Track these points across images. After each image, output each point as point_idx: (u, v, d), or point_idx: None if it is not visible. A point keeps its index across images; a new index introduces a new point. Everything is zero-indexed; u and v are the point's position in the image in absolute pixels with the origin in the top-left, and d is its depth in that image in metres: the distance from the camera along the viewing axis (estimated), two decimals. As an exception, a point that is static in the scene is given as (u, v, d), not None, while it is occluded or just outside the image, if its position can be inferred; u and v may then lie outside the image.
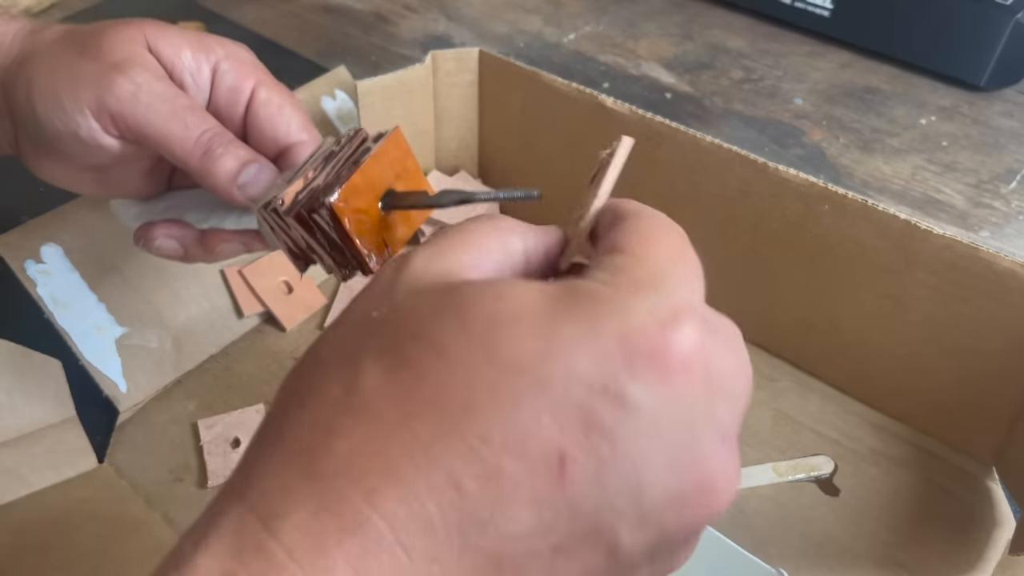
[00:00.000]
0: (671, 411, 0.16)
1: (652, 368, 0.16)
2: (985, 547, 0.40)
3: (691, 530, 0.17)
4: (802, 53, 0.73)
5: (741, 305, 0.49)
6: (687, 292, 0.18)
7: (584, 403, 0.15)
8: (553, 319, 0.16)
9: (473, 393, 0.15)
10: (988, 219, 0.56)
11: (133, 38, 0.31)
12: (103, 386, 0.44)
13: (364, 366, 0.16)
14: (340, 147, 0.30)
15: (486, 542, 0.15)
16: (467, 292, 0.17)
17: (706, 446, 0.16)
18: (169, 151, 0.31)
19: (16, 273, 0.42)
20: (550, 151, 0.52)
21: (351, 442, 0.15)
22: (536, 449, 0.15)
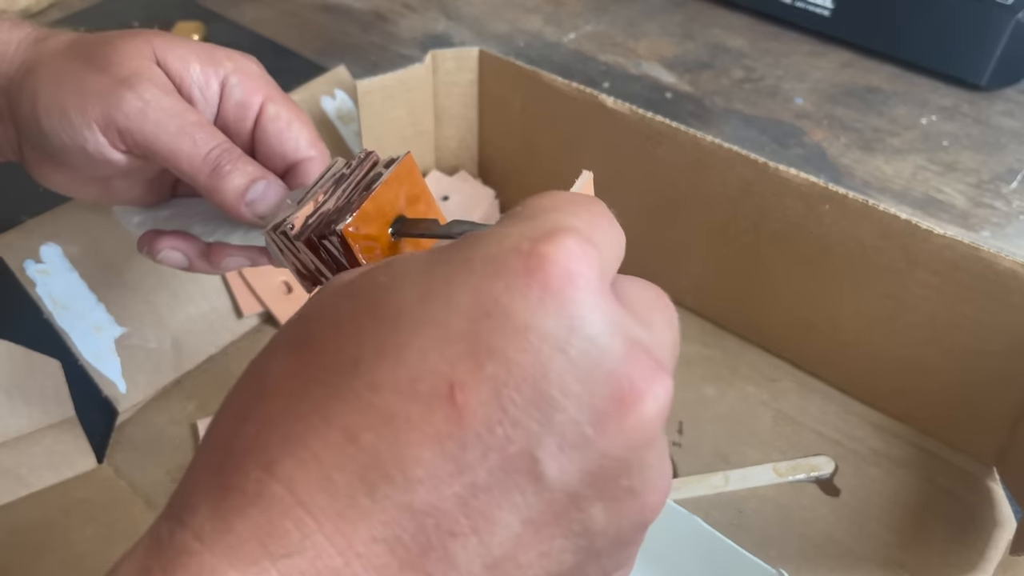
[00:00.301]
0: (563, 322, 0.15)
1: (531, 283, 0.15)
2: (986, 547, 0.39)
3: (629, 447, 0.15)
4: (803, 52, 0.73)
5: (741, 305, 0.49)
6: (576, 221, 0.16)
7: (468, 332, 0.15)
8: (430, 266, 0.16)
9: (361, 349, 0.15)
10: (989, 219, 0.56)
11: (141, 51, 0.31)
12: (102, 386, 0.44)
13: (274, 354, 0.17)
14: (351, 170, 0.30)
15: (395, 492, 0.14)
16: (369, 272, 0.17)
17: (615, 353, 0.15)
18: (177, 167, 0.31)
19: (15, 273, 0.42)
20: (550, 151, 0.52)
21: (257, 423, 0.15)
22: (426, 386, 0.15)
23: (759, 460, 0.43)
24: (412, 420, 0.15)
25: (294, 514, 0.14)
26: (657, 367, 0.16)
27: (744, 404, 0.46)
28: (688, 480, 0.42)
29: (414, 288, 0.16)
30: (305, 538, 0.14)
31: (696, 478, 0.42)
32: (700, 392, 0.47)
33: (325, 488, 0.14)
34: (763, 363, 0.48)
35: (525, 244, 0.15)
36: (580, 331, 0.15)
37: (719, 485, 0.42)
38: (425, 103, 0.53)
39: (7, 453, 0.39)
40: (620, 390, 0.15)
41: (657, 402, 0.15)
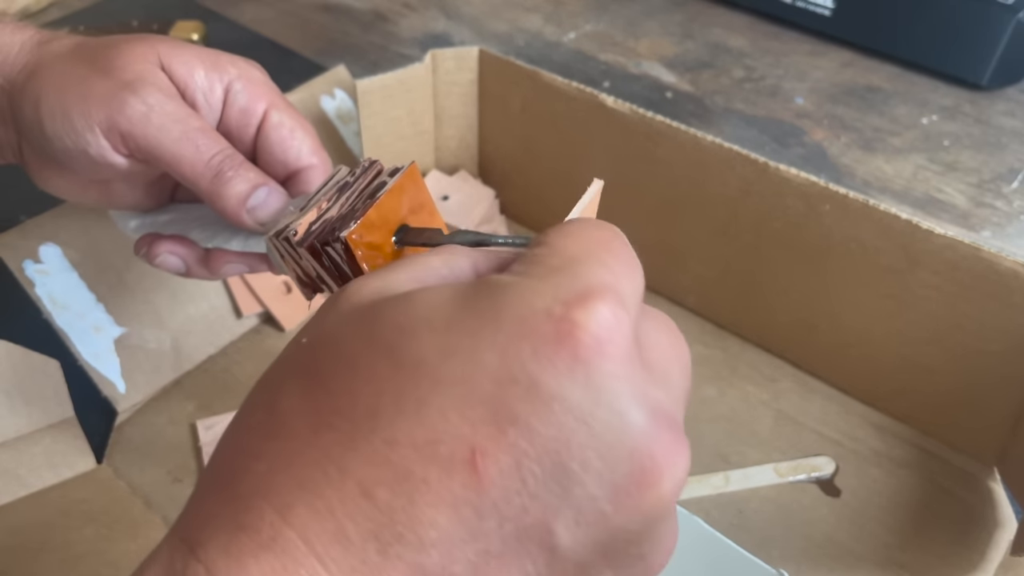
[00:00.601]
0: (590, 394, 0.15)
1: (560, 351, 0.15)
2: (987, 548, 0.39)
3: (645, 522, 0.16)
4: (803, 52, 0.73)
5: (742, 305, 0.49)
6: (605, 274, 0.16)
7: (493, 396, 0.15)
8: (455, 314, 0.15)
9: (379, 399, 0.15)
10: (990, 219, 0.56)
11: (146, 56, 0.31)
12: (101, 387, 0.44)
13: (284, 389, 0.16)
14: (355, 178, 0.30)
15: (407, 553, 0.14)
16: (384, 305, 0.16)
17: (638, 429, 0.15)
18: (179, 172, 0.31)
19: (14, 273, 0.42)
20: (550, 151, 0.52)
21: (268, 462, 0.15)
22: (447, 448, 0.14)
23: (760, 460, 0.43)
24: (430, 482, 0.14)
25: (308, 563, 0.14)
26: (676, 440, 0.15)
27: (745, 404, 0.46)
28: (689, 480, 0.42)
29: (436, 338, 0.15)
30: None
31: (696, 478, 0.42)
32: (700, 392, 0.47)
33: (339, 541, 0.14)
34: (763, 363, 0.48)
35: (558, 308, 0.15)
36: (606, 404, 0.15)
37: (720, 485, 0.42)
38: (425, 103, 0.53)
39: (6, 453, 0.39)
40: (641, 469, 0.15)
41: (675, 479, 0.15)
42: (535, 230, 0.56)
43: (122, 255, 0.45)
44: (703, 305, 0.50)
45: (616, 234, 0.18)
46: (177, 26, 0.73)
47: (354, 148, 0.53)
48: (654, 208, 0.49)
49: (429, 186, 0.55)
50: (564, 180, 0.52)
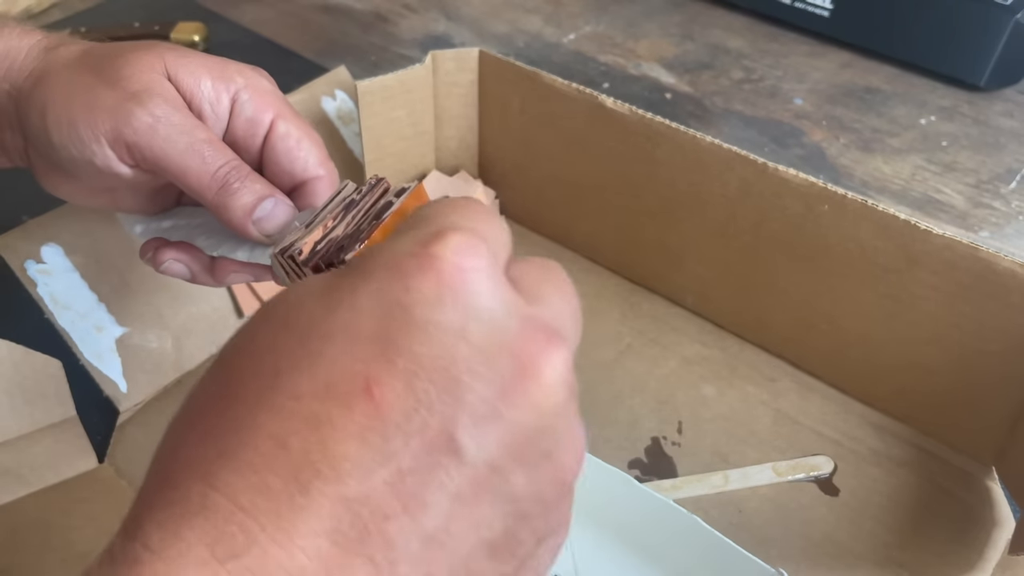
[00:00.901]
0: (460, 311, 0.16)
1: (426, 280, 0.16)
2: (985, 547, 0.40)
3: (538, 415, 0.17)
4: (802, 53, 0.73)
5: (741, 305, 0.49)
6: (458, 219, 0.18)
7: (376, 334, 0.16)
8: (333, 279, 0.18)
9: (278, 362, 0.17)
10: (988, 219, 0.56)
11: (152, 65, 0.31)
12: (103, 386, 0.44)
13: (202, 384, 0.18)
14: (361, 196, 0.30)
15: (327, 487, 0.15)
16: (275, 296, 0.19)
17: (511, 332, 0.17)
18: (185, 184, 0.31)
19: (16, 273, 0.42)
20: (550, 151, 0.52)
21: (190, 445, 0.17)
22: (344, 388, 0.16)
23: (759, 460, 0.43)
24: (334, 420, 0.16)
25: (237, 519, 0.15)
26: (550, 337, 0.17)
27: (744, 404, 0.46)
28: (688, 480, 0.42)
29: (321, 300, 0.17)
30: (250, 539, 0.15)
31: (696, 478, 0.42)
32: (700, 392, 0.47)
33: (263, 492, 0.15)
34: (763, 363, 0.48)
35: (416, 248, 0.17)
36: (477, 317, 0.17)
37: (719, 485, 0.42)
38: (425, 103, 0.53)
39: (8, 453, 0.39)
40: (520, 364, 0.17)
41: (556, 369, 0.17)
42: (535, 230, 0.57)
43: (124, 255, 0.45)
44: (702, 305, 0.51)
45: (476, 200, 0.20)
46: (178, 27, 0.73)
47: (355, 149, 0.54)
48: (653, 208, 0.49)
49: (429, 186, 0.55)
50: (564, 180, 0.52)
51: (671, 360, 0.49)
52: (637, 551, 0.37)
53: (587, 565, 0.37)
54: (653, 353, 0.49)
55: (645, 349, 0.49)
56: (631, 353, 0.49)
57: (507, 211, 0.57)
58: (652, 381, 0.47)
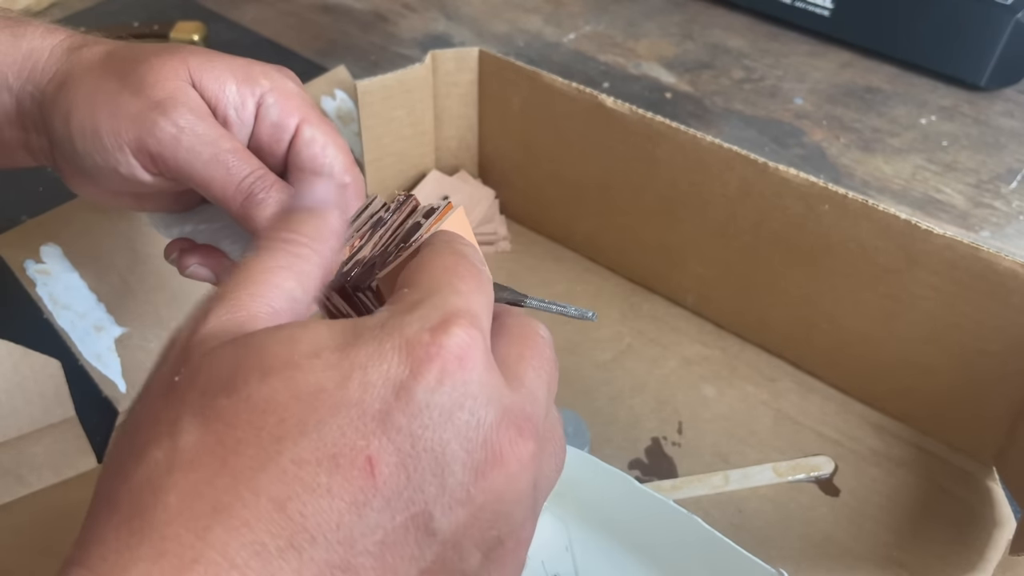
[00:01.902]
0: (455, 400, 0.18)
1: (431, 369, 0.18)
2: (985, 547, 0.40)
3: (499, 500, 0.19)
4: (802, 53, 0.73)
5: (741, 305, 0.49)
6: (456, 298, 0.20)
7: (380, 411, 0.17)
8: (343, 351, 0.18)
9: (282, 426, 0.17)
10: (989, 219, 0.56)
11: (176, 72, 0.30)
12: (102, 386, 0.44)
13: (180, 427, 0.18)
14: (389, 213, 0.29)
15: (318, 552, 0.16)
16: (263, 341, 0.19)
17: (489, 424, 0.19)
18: (209, 194, 0.30)
19: (16, 273, 0.42)
20: (550, 151, 0.52)
21: (178, 494, 0.17)
22: (346, 460, 0.17)
23: (759, 460, 0.43)
24: (333, 490, 0.17)
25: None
26: (521, 429, 0.19)
27: (744, 404, 0.46)
28: (688, 480, 0.42)
29: (331, 370, 0.18)
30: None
31: (696, 478, 0.42)
32: (700, 392, 0.47)
33: (258, 553, 0.16)
34: (763, 363, 0.48)
35: (425, 336, 0.18)
36: (466, 407, 0.18)
37: (719, 485, 0.42)
38: (425, 103, 0.53)
39: (7, 453, 0.39)
40: (493, 453, 0.18)
41: (521, 462, 0.19)
42: (535, 230, 0.57)
43: (123, 255, 0.45)
44: (702, 305, 0.50)
45: (461, 257, 0.22)
46: (178, 27, 0.73)
47: (354, 149, 0.54)
48: (653, 208, 0.49)
49: (429, 186, 0.55)
50: (564, 180, 0.52)
51: (671, 360, 0.49)
52: (637, 551, 0.37)
53: (587, 565, 0.37)
54: (653, 353, 0.49)
55: (645, 349, 0.49)
56: (631, 353, 0.49)
57: (507, 211, 0.57)
58: (652, 381, 0.47)
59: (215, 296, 0.21)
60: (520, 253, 0.55)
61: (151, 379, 0.20)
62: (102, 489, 0.18)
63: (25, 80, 0.31)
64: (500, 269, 0.54)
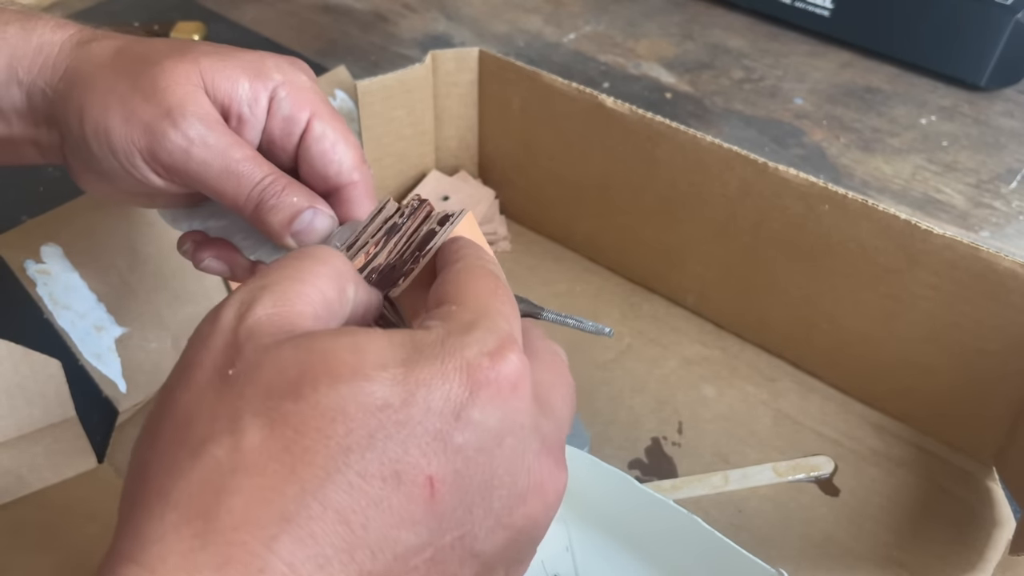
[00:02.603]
0: (507, 425, 0.19)
1: (488, 393, 0.19)
2: (985, 547, 0.40)
3: (534, 527, 0.20)
4: (802, 53, 0.73)
5: (741, 305, 0.49)
6: (505, 324, 0.21)
7: (440, 431, 0.18)
8: (408, 367, 0.19)
9: (350, 438, 0.17)
10: (988, 219, 0.56)
11: (188, 76, 0.30)
12: (103, 386, 0.44)
13: (243, 426, 0.17)
14: (404, 219, 0.29)
15: (376, 566, 0.17)
16: (329, 347, 0.19)
17: (533, 452, 0.20)
18: (221, 201, 0.31)
19: (16, 273, 0.42)
20: (550, 151, 0.52)
21: (244, 498, 0.17)
22: (408, 477, 0.18)
23: (759, 460, 0.43)
24: (394, 506, 0.17)
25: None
26: (557, 463, 0.21)
27: (744, 404, 0.46)
28: (688, 480, 0.42)
29: (396, 387, 0.18)
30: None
31: (696, 478, 0.42)
32: (700, 392, 0.47)
33: (321, 566, 0.16)
34: (763, 363, 0.48)
35: (485, 361, 0.19)
36: (514, 432, 0.19)
37: (719, 485, 0.42)
38: (425, 103, 0.53)
39: (8, 453, 0.39)
40: (534, 483, 0.20)
41: (557, 492, 0.21)
42: (535, 230, 0.57)
43: (124, 255, 0.45)
44: (702, 305, 0.51)
45: (498, 278, 0.23)
46: (178, 27, 0.73)
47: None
48: (653, 208, 0.49)
49: (429, 186, 0.55)
50: (564, 180, 0.52)
51: (671, 360, 0.49)
52: (637, 551, 0.37)
53: (587, 565, 0.37)
54: (653, 353, 0.49)
55: (645, 349, 0.49)
56: (631, 353, 0.49)
57: (507, 211, 0.57)
58: (652, 381, 0.47)
59: (259, 285, 0.20)
60: (520, 253, 0.55)
61: (192, 362, 0.19)
62: (148, 478, 0.18)
63: (36, 75, 0.31)
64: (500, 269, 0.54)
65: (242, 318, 0.20)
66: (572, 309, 0.51)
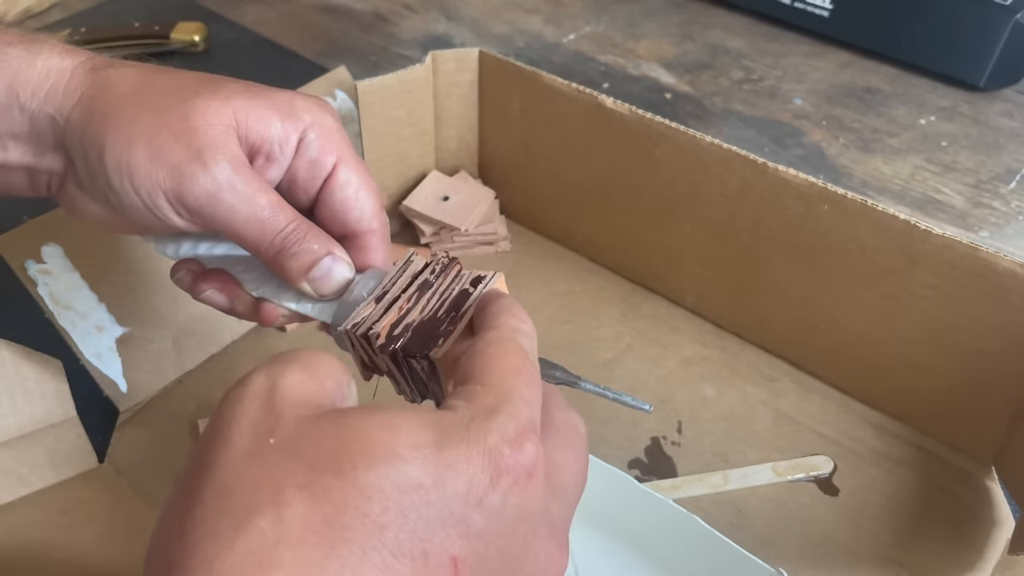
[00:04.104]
0: (521, 513, 0.20)
1: (507, 482, 0.20)
2: (984, 547, 0.40)
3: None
4: (802, 53, 0.73)
5: (741, 305, 0.49)
6: (526, 409, 0.22)
7: (464, 514, 0.19)
8: (438, 448, 0.20)
9: (385, 516, 0.18)
10: (988, 219, 0.56)
11: (220, 115, 0.30)
12: (103, 386, 0.44)
13: (287, 498, 0.18)
14: (435, 276, 0.30)
15: None
16: (365, 425, 0.20)
17: (541, 537, 0.21)
18: (243, 246, 0.31)
19: (16, 273, 0.42)
20: (550, 151, 0.52)
21: (286, 571, 0.17)
22: (435, 556, 0.19)
23: (758, 460, 0.43)
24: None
25: None
26: (560, 548, 0.22)
27: (743, 404, 0.46)
28: (688, 480, 0.42)
29: (429, 467, 0.19)
30: None
31: (696, 477, 0.42)
32: (700, 392, 0.47)
33: None
34: (762, 363, 0.48)
35: (505, 449, 0.20)
36: (528, 520, 0.21)
37: (719, 484, 0.42)
38: (425, 104, 0.53)
39: (8, 452, 0.39)
40: (540, 567, 0.21)
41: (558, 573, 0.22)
42: (535, 230, 0.57)
43: (124, 255, 0.45)
44: (702, 305, 0.51)
45: (525, 357, 0.24)
46: (178, 27, 0.74)
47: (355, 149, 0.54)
48: (653, 208, 0.49)
49: (429, 187, 0.55)
50: (564, 180, 0.52)
51: (671, 360, 0.49)
52: (637, 551, 0.37)
53: (587, 564, 0.37)
54: (653, 353, 0.49)
55: (645, 349, 0.49)
56: (631, 353, 0.49)
57: (507, 211, 0.58)
58: (652, 381, 0.47)
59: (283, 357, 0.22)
60: (520, 253, 0.55)
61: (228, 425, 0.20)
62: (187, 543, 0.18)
63: (43, 101, 0.30)
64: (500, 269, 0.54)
65: (275, 385, 0.21)
66: (572, 309, 0.51)
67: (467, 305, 0.28)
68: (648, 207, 0.49)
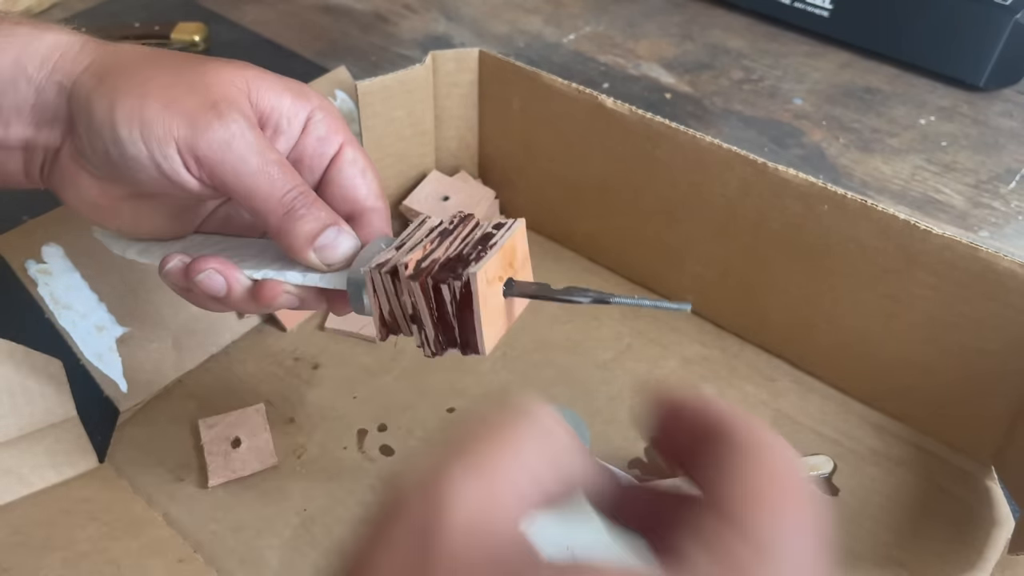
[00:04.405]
0: None
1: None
2: (984, 547, 0.40)
3: None
4: (802, 53, 0.73)
5: (741, 305, 0.49)
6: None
7: None
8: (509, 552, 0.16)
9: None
10: (988, 219, 0.56)
11: (234, 80, 0.30)
12: (103, 386, 0.44)
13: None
14: (453, 226, 0.31)
15: None
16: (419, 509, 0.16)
17: None
18: (250, 204, 0.30)
19: (17, 273, 0.42)
20: (550, 151, 0.52)
21: None
22: None
23: (758, 459, 0.43)
24: None
25: None
26: None
27: (743, 404, 0.46)
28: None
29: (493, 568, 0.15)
30: None
31: (696, 477, 0.42)
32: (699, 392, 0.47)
33: None
34: (762, 363, 0.48)
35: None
36: None
37: (718, 484, 0.42)
38: (425, 104, 0.53)
39: (9, 452, 0.39)
40: None
41: None
42: (535, 230, 0.57)
43: (124, 255, 0.45)
44: (702, 305, 0.51)
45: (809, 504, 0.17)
46: (178, 27, 0.74)
47: (355, 149, 0.54)
48: (653, 208, 0.49)
49: (429, 187, 0.55)
50: (564, 180, 0.53)
51: (671, 360, 0.49)
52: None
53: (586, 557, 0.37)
54: (653, 353, 0.49)
55: (645, 349, 0.49)
56: (631, 353, 0.49)
57: (507, 211, 0.58)
58: (652, 381, 0.47)
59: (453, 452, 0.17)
60: (520, 253, 0.55)
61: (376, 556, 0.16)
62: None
63: (52, 70, 0.30)
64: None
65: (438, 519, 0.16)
66: (572, 311, 0.51)
67: (494, 241, 0.28)
68: (648, 207, 0.49)
